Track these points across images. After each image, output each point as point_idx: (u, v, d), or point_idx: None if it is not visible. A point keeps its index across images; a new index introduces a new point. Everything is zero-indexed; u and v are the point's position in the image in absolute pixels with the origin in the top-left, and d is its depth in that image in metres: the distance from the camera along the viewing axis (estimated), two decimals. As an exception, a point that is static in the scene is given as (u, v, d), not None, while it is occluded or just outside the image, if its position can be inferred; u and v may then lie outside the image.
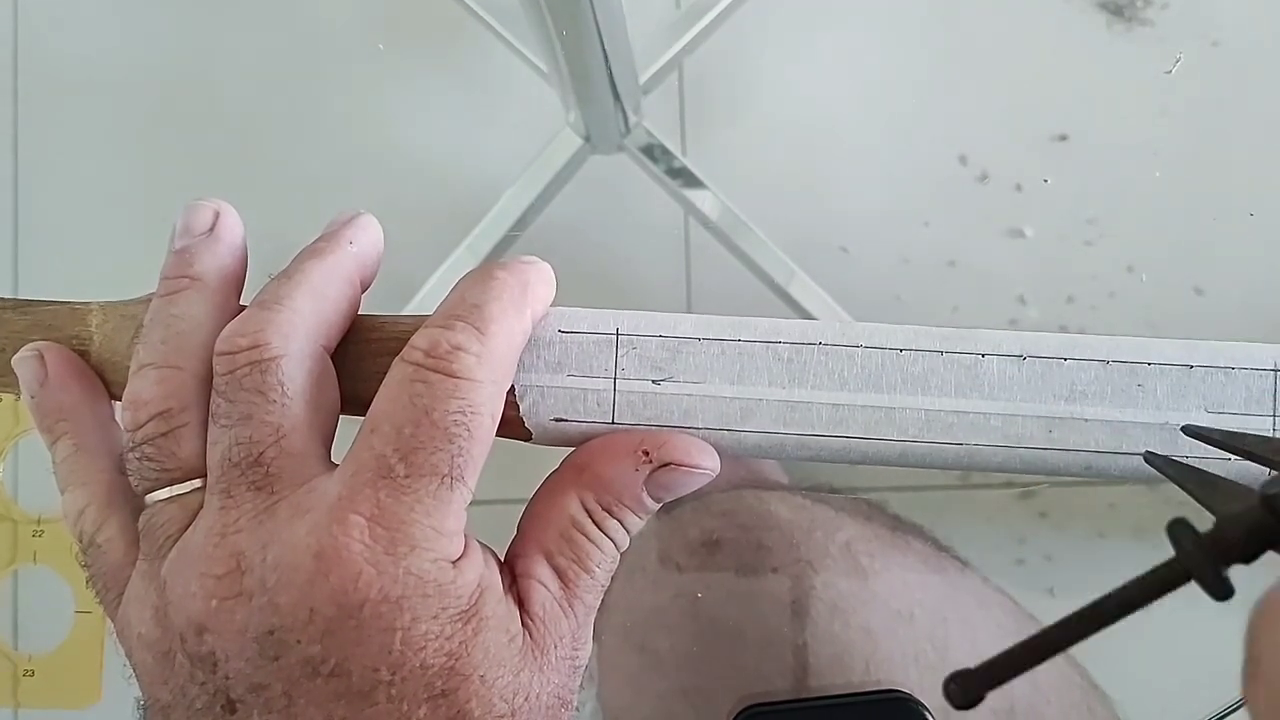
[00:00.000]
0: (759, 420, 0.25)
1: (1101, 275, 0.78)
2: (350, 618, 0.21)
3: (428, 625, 0.21)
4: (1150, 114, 0.80)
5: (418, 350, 0.22)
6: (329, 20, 0.86)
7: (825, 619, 0.37)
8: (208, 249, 0.25)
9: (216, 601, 0.22)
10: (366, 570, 0.21)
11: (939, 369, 0.25)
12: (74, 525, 0.25)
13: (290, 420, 0.23)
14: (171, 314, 0.24)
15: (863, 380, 0.25)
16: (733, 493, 0.42)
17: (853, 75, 0.83)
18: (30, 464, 0.70)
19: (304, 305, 0.23)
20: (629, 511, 0.24)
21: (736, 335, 0.25)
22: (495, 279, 0.24)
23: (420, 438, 0.22)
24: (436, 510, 0.22)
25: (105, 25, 0.87)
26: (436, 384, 0.22)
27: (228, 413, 0.23)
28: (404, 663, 0.21)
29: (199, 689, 0.22)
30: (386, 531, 0.21)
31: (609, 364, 0.25)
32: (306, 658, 0.21)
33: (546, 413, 0.25)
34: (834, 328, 0.25)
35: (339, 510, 0.21)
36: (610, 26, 0.54)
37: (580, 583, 0.24)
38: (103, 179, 0.86)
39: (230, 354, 0.23)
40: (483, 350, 0.22)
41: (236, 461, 0.22)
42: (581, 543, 0.24)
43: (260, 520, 0.22)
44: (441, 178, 0.83)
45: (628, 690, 0.38)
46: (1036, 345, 0.25)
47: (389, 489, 0.21)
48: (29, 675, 0.40)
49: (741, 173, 0.80)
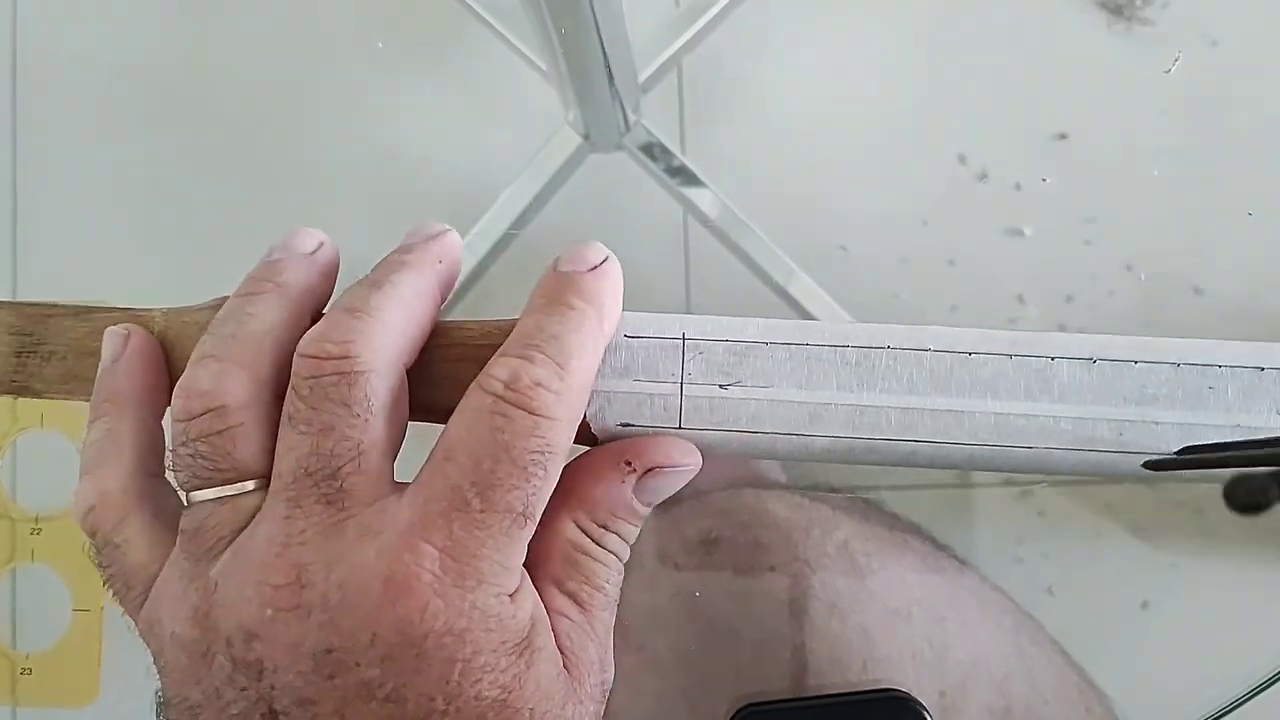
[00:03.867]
0: (827, 425, 0.25)
1: (1100, 274, 0.78)
2: (413, 646, 0.21)
3: (486, 658, 0.21)
4: (1150, 113, 0.80)
5: (497, 381, 0.22)
6: (327, 18, 0.86)
7: (823, 618, 0.37)
8: (300, 264, 0.25)
9: (272, 611, 0.21)
10: (434, 601, 0.21)
11: (1008, 372, 0.25)
12: (84, 519, 0.25)
13: (370, 438, 0.22)
14: (247, 312, 0.24)
15: (932, 384, 0.24)
16: (731, 491, 0.42)
17: (852, 74, 0.83)
18: (28, 462, 0.70)
19: (394, 319, 0.23)
20: (624, 523, 0.24)
21: (804, 339, 0.25)
22: (575, 309, 0.23)
23: (499, 474, 0.21)
24: (506, 546, 0.22)
25: (102, 22, 0.87)
26: (518, 420, 0.22)
27: (308, 419, 0.22)
28: (460, 694, 0.21)
29: (238, 694, 0.22)
30: (456, 564, 0.21)
31: (676, 369, 0.25)
32: (364, 680, 0.21)
33: (613, 418, 0.25)
34: (902, 331, 0.25)
35: (411, 538, 0.21)
36: (609, 25, 0.54)
37: (595, 602, 0.24)
38: (100, 176, 0.86)
39: (318, 359, 0.22)
40: (562, 388, 0.22)
41: (311, 472, 0.22)
42: (587, 564, 0.24)
43: (327, 535, 0.22)
44: (440, 176, 0.83)
45: (625, 689, 0.38)
46: (1107, 348, 0.25)
47: (463, 522, 0.21)
48: (27, 673, 0.40)
49: (741, 171, 0.80)
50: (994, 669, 0.38)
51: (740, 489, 0.42)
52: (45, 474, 0.77)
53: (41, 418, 0.67)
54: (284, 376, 0.23)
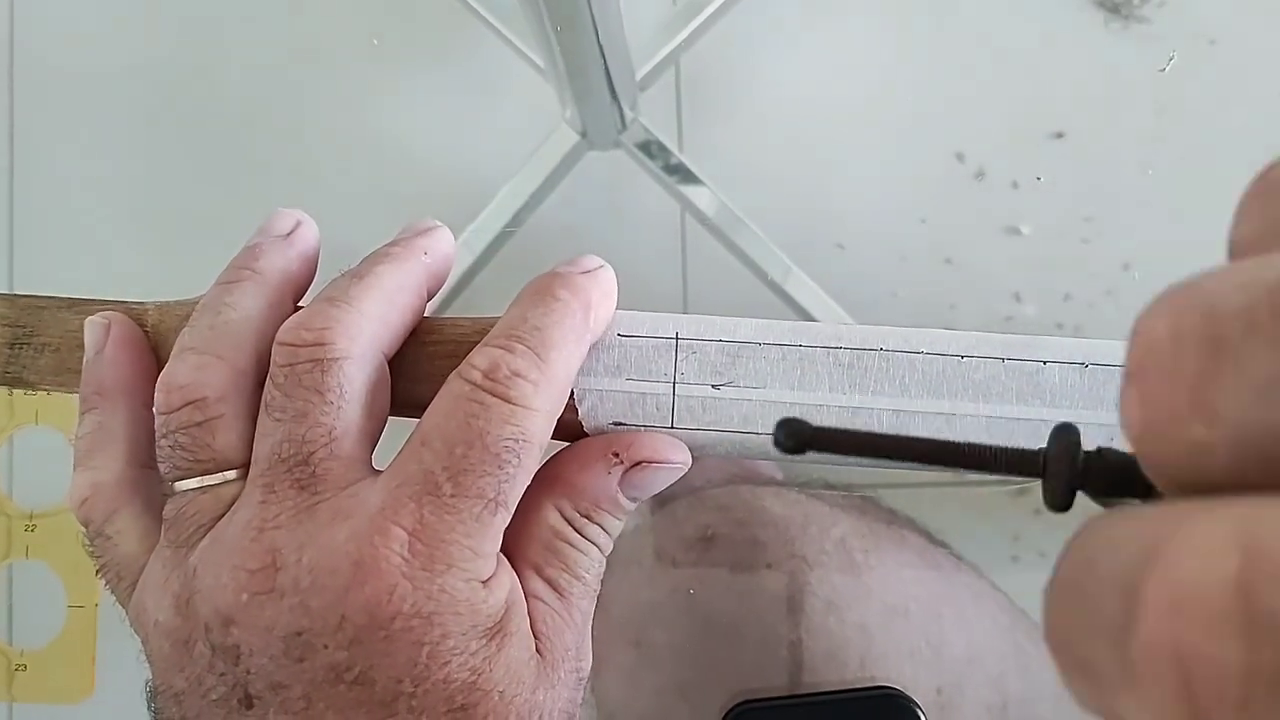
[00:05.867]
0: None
1: (1098, 273, 0.78)
2: (381, 629, 0.21)
3: (455, 641, 0.22)
4: (1147, 112, 0.80)
5: (476, 370, 0.22)
6: (325, 15, 0.86)
7: (820, 615, 0.37)
8: (277, 249, 0.25)
9: (248, 595, 0.22)
10: (402, 584, 0.21)
11: (1000, 376, 0.24)
12: (78, 509, 0.25)
13: (344, 424, 0.22)
14: (224, 302, 0.24)
15: (924, 386, 0.24)
16: (728, 488, 0.42)
17: (849, 72, 0.83)
18: (24, 459, 0.70)
19: (372, 309, 0.23)
20: (607, 514, 0.25)
21: (797, 340, 0.25)
22: (559, 301, 0.23)
23: (471, 460, 0.22)
24: (477, 532, 0.22)
25: (100, 19, 0.87)
26: (493, 408, 0.22)
27: (283, 406, 0.22)
28: (428, 676, 0.21)
29: (217, 679, 0.22)
30: (426, 548, 0.21)
31: (669, 368, 0.25)
32: (332, 663, 0.21)
33: (606, 416, 0.25)
34: (896, 334, 0.25)
35: (381, 520, 0.21)
36: (607, 22, 0.54)
37: (574, 590, 0.24)
38: (97, 172, 0.85)
39: (293, 346, 0.23)
40: (541, 378, 0.22)
41: (285, 457, 0.22)
42: (568, 551, 0.24)
43: (300, 519, 0.22)
44: (437, 173, 0.83)
45: (623, 685, 0.38)
46: (1099, 352, 0.25)
47: (433, 506, 0.21)
48: (22, 669, 0.40)
49: (738, 169, 0.80)
50: (991, 666, 0.38)
51: (737, 486, 0.42)
52: (40, 471, 0.76)
53: (36, 414, 0.67)
54: (265, 365, 0.24)
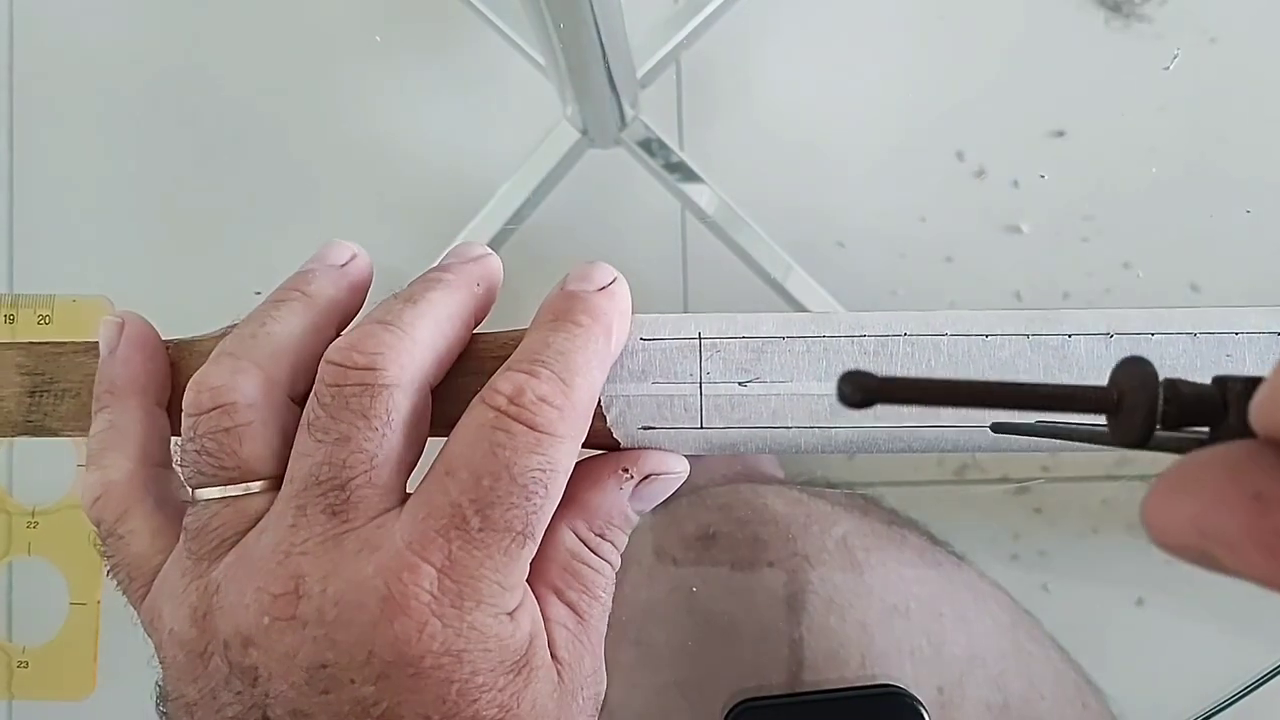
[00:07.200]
0: (849, 415, 0.24)
1: (1098, 271, 0.78)
2: (410, 666, 0.21)
3: (484, 678, 0.21)
4: (1148, 110, 0.80)
5: (500, 395, 0.22)
6: (326, 12, 0.86)
7: (821, 613, 0.37)
8: (329, 276, 0.25)
9: (269, 619, 0.21)
10: (432, 623, 0.21)
11: (1026, 352, 0.24)
12: (90, 509, 0.25)
13: (385, 452, 0.22)
14: (270, 315, 0.24)
15: (951, 368, 0.24)
16: (729, 487, 0.42)
17: (850, 71, 0.83)
18: (25, 454, 0.70)
19: (424, 337, 0.23)
20: (619, 531, 0.25)
21: (820, 331, 0.25)
22: (581, 327, 0.23)
23: (499, 492, 0.21)
24: (505, 566, 0.21)
25: (100, 18, 0.87)
26: (519, 436, 0.21)
27: (326, 428, 0.22)
28: (457, 713, 0.21)
29: (234, 697, 0.22)
30: (455, 584, 0.21)
31: (694, 369, 0.25)
32: (358, 698, 0.21)
33: (634, 421, 0.25)
34: (917, 317, 0.25)
35: (410, 556, 0.21)
36: (607, 20, 0.54)
37: (593, 612, 0.24)
38: (97, 173, 0.85)
39: (343, 367, 0.22)
40: (566, 404, 0.22)
41: (322, 480, 0.22)
42: (585, 572, 0.24)
43: (326, 548, 0.21)
44: (438, 171, 0.83)
45: (623, 684, 0.38)
46: (1123, 322, 0.24)
47: (461, 541, 0.21)
48: (23, 666, 0.40)
49: (739, 167, 0.80)
50: (991, 665, 0.38)
51: (738, 484, 0.42)
52: (42, 467, 0.76)
53: (38, 411, 0.67)
54: (301, 382, 0.23)
